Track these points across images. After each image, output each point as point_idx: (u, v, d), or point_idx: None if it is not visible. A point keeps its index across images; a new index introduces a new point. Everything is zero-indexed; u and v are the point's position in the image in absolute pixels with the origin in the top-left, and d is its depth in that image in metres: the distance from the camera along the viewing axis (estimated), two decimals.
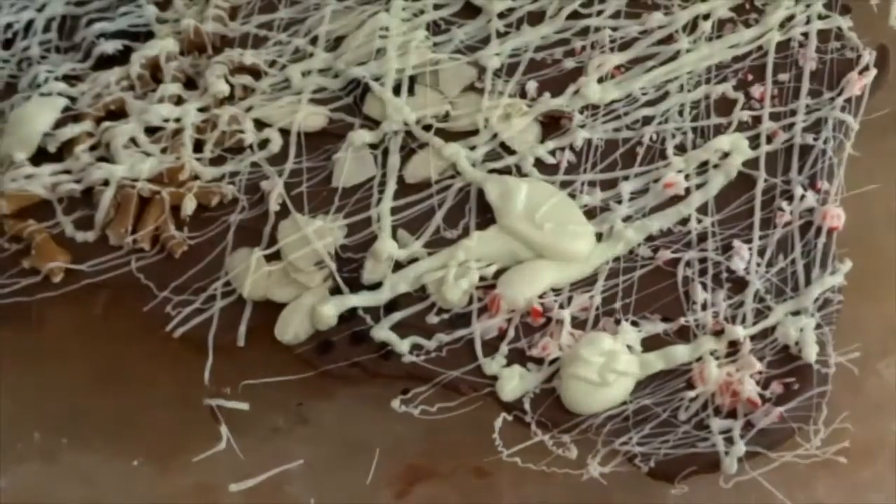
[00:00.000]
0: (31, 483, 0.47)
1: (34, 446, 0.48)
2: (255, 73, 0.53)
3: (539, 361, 0.45)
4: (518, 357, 0.45)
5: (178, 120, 0.50)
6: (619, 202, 0.48)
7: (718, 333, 0.45)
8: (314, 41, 0.53)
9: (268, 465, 0.46)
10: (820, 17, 0.52)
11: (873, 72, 0.50)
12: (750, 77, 0.51)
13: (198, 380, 0.46)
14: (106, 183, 0.49)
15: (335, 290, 0.46)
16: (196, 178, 0.49)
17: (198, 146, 0.50)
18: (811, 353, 0.44)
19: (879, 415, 0.46)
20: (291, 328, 0.46)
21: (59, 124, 0.51)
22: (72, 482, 0.47)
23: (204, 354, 0.46)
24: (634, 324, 0.45)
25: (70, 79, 0.53)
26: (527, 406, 0.44)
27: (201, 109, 0.51)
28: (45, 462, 0.48)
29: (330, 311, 0.45)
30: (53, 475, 0.47)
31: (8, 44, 0.55)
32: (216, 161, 0.50)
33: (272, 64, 0.53)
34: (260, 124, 0.51)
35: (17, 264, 0.48)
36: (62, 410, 0.49)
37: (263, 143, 0.50)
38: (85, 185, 0.49)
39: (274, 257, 0.47)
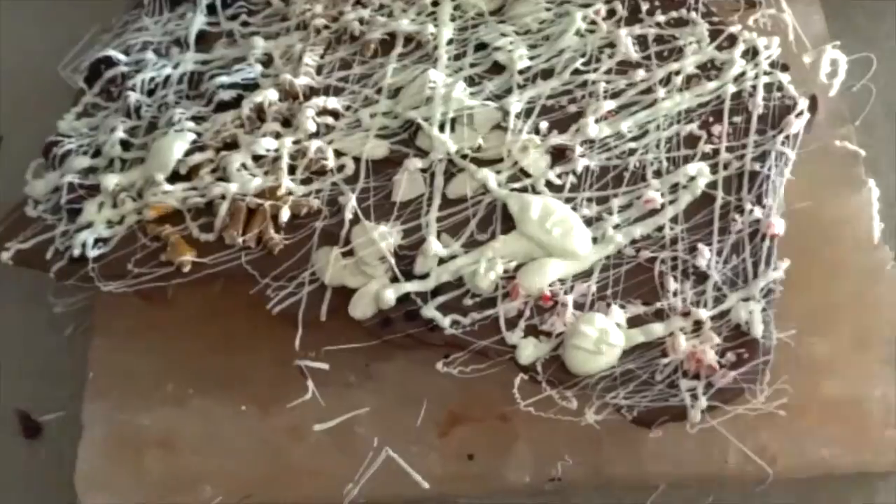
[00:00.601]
0: (166, 422, 0.48)
1: (168, 394, 0.48)
2: (335, 114, 0.52)
3: (548, 334, 0.44)
4: (532, 331, 0.45)
5: (276, 150, 0.50)
6: (610, 214, 0.47)
7: (686, 315, 0.44)
8: (379, 91, 0.53)
9: (342, 411, 0.46)
10: (765, 73, 0.51)
11: (807, 115, 0.50)
12: (711, 119, 0.50)
13: (290, 346, 0.46)
14: (223, 197, 0.49)
15: (394, 279, 0.46)
16: (290, 193, 0.49)
17: (291, 170, 0.50)
18: (758, 330, 0.43)
19: (810, 378, 0.45)
20: (361, 307, 0.46)
21: (188, 153, 0.51)
22: (195, 422, 0.48)
23: (295, 327, 0.46)
24: (622, 307, 0.45)
25: (197, 119, 0.53)
26: (539, 368, 0.44)
27: (295, 142, 0.51)
28: (176, 406, 0.48)
29: (390, 294, 0.45)
30: (182, 416, 0.48)
31: (151, 93, 0.55)
32: (305, 181, 0.50)
33: (348, 108, 0.53)
34: (338, 153, 0.51)
35: (157, 258, 0.48)
36: (189, 367, 0.49)
37: (341, 168, 0.50)
38: (207, 198, 0.49)
39: (348, 254, 0.47)
